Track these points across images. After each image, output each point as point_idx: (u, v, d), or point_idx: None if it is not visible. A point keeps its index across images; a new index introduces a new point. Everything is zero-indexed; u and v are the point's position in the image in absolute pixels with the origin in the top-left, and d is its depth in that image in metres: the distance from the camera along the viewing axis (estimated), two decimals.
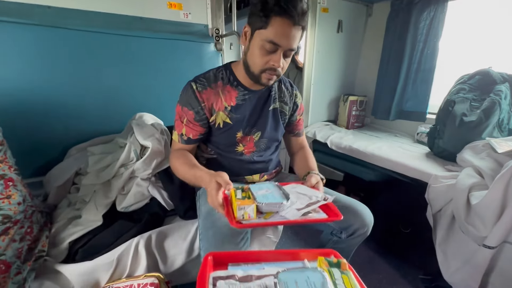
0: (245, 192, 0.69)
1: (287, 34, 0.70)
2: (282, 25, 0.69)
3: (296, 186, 0.77)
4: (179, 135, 0.87)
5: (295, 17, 0.68)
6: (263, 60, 0.74)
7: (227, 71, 0.87)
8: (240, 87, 0.86)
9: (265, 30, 0.70)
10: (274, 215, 0.66)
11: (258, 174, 0.98)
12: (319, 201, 0.68)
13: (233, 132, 0.88)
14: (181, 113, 0.85)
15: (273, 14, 0.68)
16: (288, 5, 0.67)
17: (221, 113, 0.85)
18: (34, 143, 1.15)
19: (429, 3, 1.58)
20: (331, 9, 1.78)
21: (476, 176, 1.05)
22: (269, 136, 0.94)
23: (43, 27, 1.09)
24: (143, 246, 0.86)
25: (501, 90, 1.23)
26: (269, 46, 0.71)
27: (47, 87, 1.14)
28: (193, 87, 0.82)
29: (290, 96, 0.97)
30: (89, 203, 0.95)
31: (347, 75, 2.10)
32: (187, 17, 1.41)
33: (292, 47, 0.73)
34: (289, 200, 0.65)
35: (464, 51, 1.66)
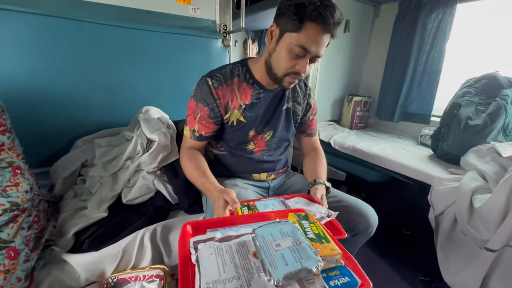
0: (252, 211, 0.70)
1: (319, 41, 0.69)
2: (316, 32, 0.68)
3: (299, 201, 0.77)
4: (191, 130, 0.86)
5: (331, 25, 0.67)
6: (289, 64, 0.73)
7: (243, 68, 0.85)
8: (256, 85, 0.85)
9: (297, 34, 0.69)
10: None
11: (266, 173, 0.98)
12: (323, 218, 0.69)
13: (245, 130, 0.87)
14: (194, 108, 0.84)
15: (308, 20, 0.67)
16: (326, 13, 0.66)
17: (235, 111, 0.84)
18: (41, 133, 1.15)
19: (438, 5, 1.58)
20: (338, 8, 1.77)
21: (479, 179, 1.06)
22: (280, 136, 0.94)
23: (52, 17, 1.08)
24: (149, 238, 0.87)
25: (507, 95, 1.23)
26: (298, 51, 0.70)
27: (54, 78, 1.14)
28: (209, 83, 0.80)
29: (304, 96, 0.96)
30: (95, 194, 0.96)
31: (352, 75, 2.10)
32: (195, 12, 1.41)
33: (320, 54, 0.72)
34: None
35: (472, 54, 1.66)
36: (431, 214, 1.18)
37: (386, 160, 1.42)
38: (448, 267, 1.08)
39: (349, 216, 0.85)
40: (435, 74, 1.64)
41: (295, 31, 0.69)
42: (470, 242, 1.00)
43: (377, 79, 2.00)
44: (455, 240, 1.07)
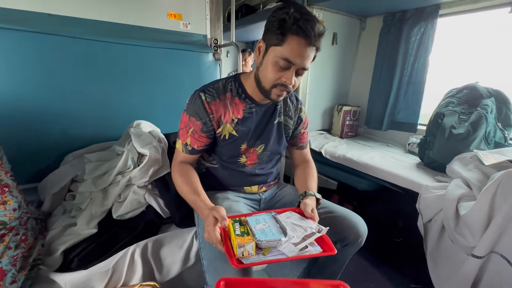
0: (243, 227, 0.71)
1: (302, 54, 0.71)
2: (298, 44, 0.70)
3: (290, 215, 0.78)
4: (183, 144, 0.87)
5: (312, 38, 0.70)
6: (275, 76, 0.75)
7: (236, 83, 0.87)
8: (248, 100, 0.87)
9: (280, 47, 0.71)
10: (272, 250, 0.68)
11: (257, 186, 1.00)
12: (314, 233, 0.69)
13: (238, 144, 0.89)
14: (187, 122, 0.85)
15: (290, 33, 0.69)
16: (306, 26, 0.68)
17: (228, 125, 0.86)
18: (30, 148, 1.14)
19: (420, 19, 1.65)
20: (326, 22, 1.84)
21: (464, 187, 1.09)
22: (271, 149, 0.95)
23: (43, 35, 1.10)
24: (139, 254, 0.86)
25: (487, 104, 1.28)
26: (282, 63, 0.73)
27: (45, 93, 1.14)
28: (202, 98, 0.82)
29: (295, 110, 0.98)
30: (84, 210, 0.95)
31: (341, 86, 2.16)
32: (186, 27, 1.44)
33: (305, 66, 0.74)
34: (287, 236, 0.67)
35: (453, 66, 1.73)
36: (419, 221, 1.20)
37: (375, 169, 1.45)
38: (438, 274, 1.10)
39: (339, 227, 0.87)
40: (420, 84, 1.70)
41: (279, 44, 0.71)
42: (458, 249, 1.02)
43: (365, 89, 2.05)
44: (444, 247, 1.09)
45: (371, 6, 1.81)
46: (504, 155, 1.15)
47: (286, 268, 1.43)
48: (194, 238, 0.96)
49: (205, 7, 1.48)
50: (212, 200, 0.90)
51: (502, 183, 0.89)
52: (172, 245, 0.93)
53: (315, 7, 1.75)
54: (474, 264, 0.94)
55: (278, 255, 0.66)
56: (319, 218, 0.85)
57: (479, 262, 0.93)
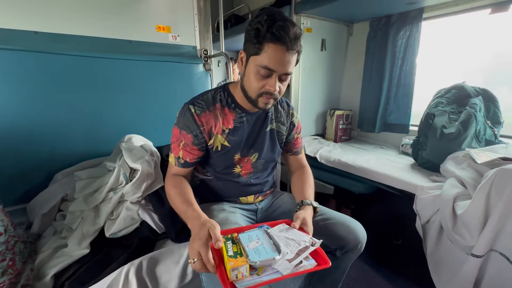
0: (236, 245, 0.67)
1: (281, 60, 0.71)
2: (275, 51, 0.70)
3: (283, 228, 0.75)
4: (176, 158, 0.86)
5: (288, 43, 0.69)
6: (259, 85, 0.75)
7: (225, 93, 0.87)
8: (238, 109, 0.86)
9: (259, 56, 0.71)
10: (267, 268, 0.65)
11: (253, 196, 0.98)
12: (308, 247, 0.68)
13: (231, 154, 0.88)
14: (178, 136, 0.84)
15: (265, 41, 0.69)
16: (280, 32, 0.68)
17: (219, 136, 0.85)
18: (17, 169, 1.11)
19: (405, 23, 1.69)
20: (314, 29, 1.87)
21: (459, 186, 1.10)
22: (266, 157, 0.94)
23: (30, 52, 1.08)
24: (134, 273, 0.83)
25: (475, 103, 1.31)
26: (263, 72, 0.72)
27: (32, 111, 1.12)
28: (191, 110, 0.81)
29: (287, 115, 0.98)
30: (76, 230, 0.92)
31: (333, 91, 2.18)
32: (175, 39, 1.44)
33: (287, 72, 0.74)
34: (280, 253, 0.65)
35: (440, 66, 1.77)
36: (418, 223, 1.20)
37: (371, 171, 1.45)
38: (439, 276, 1.09)
39: (338, 234, 0.85)
40: (409, 86, 1.73)
41: (257, 53, 0.72)
42: (457, 249, 1.02)
43: (356, 92, 2.08)
44: (443, 248, 1.08)
45: (357, 13, 1.85)
46: (496, 152, 1.16)
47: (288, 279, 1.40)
48: None
49: (193, 18, 1.49)
50: (208, 212, 0.89)
51: (495, 181, 0.90)
52: (168, 261, 0.90)
53: (303, 15, 1.79)
54: (474, 264, 0.94)
55: (273, 274, 0.64)
56: (318, 225, 0.84)
57: (479, 261, 0.93)
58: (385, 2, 1.56)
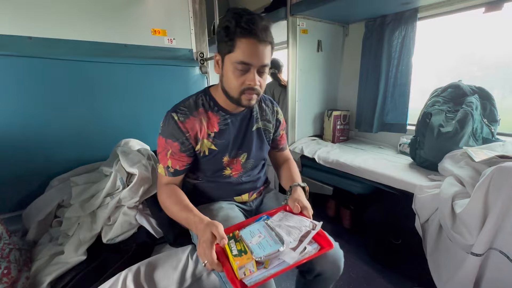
0: (239, 243, 0.68)
1: (255, 52, 0.71)
2: (248, 45, 0.71)
3: (283, 216, 0.76)
4: (165, 167, 0.84)
5: (259, 34, 0.70)
6: (238, 82, 0.75)
7: (206, 96, 0.86)
8: (221, 112, 0.85)
9: (233, 54, 0.72)
10: (273, 261, 0.66)
11: (247, 194, 0.98)
12: (310, 231, 0.69)
13: (219, 157, 0.87)
14: (164, 145, 0.82)
15: (237, 37, 0.70)
16: (249, 25, 0.69)
17: (205, 140, 0.84)
18: (12, 176, 1.10)
19: (400, 23, 1.70)
20: (310, 30, 1.87)
21: (457, 184, 1.09)
22: (255, 157, 0.94)
23: (24, 58, 1.07)
24: (132, 280, 0.82)
25: (472, 102, 1.31)
26: (241, 67, 0.73)
27: (27, 116, 1.11)
28: (175, 118, 0.80)
29: (272, 113, 0.98)
30: (72, 237, 0.91)
31: (330, 91, 2.18)
32: (171, 42, 1.44)
33: (264, 63, 0.74)
34: (284, 244, 0.65)
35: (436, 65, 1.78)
36: (417, 222, 1.20)
37: (369, 171, 1.45)
38: (440, 275, 1.09)
39: (318, 263, 0.80)
40: (405, 86, 1.73)
41: (231, 51, 0.72)
42: (457, 248, 1.01)
43: (353, 93, 2.08)
44: (443, 247, 1.08)
45: (352, 14, 1.86)
46: (493, 150, 1.16)
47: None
48: (189, 257, 0.93)
49: (189, 22, 1.49)
50: (207, 213, 0.87)
51: (493, 179, 0.90)
52: (166, 266, 0.89)
53: (298, 17, 1.79)
54: (474, 262, 0.93)
55: (280, 265, 0.65)
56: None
57: (479, 260, 0.93)
58: (380, 3, 1.57)
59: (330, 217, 1.94)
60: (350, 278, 1.42)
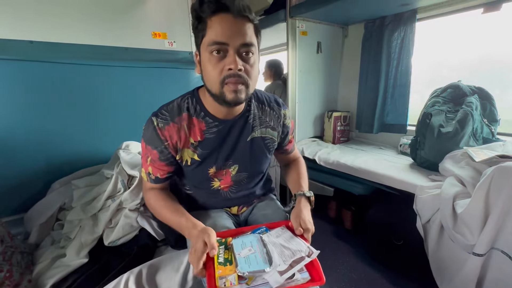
0: (228, 251, 0.66)
1: (230, 28, 0.60)
2: (220, 22, 0.60)
3: (281, 233, 0.73)
4: (147, 173, 0.78)
5: (231, 7, 0.59)
6: (217, 69, 0.62)
7: (193, 99, 0.74)
8: (208, 118, 0.73)
9: (206, 37, 0.62)
10: (257, 279, 0.63)
11: (237, 207, 0.92)
12: (303, 258, 0.65)
13: (204, 168, 0.78)
14: (145, 150, 0.75)
15: (207, 16, 0.60)
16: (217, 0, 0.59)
17: (187, 150, 0.74)
18: (13, 179, 1.10)
19: (399, 24, 1.71)
20: (309, 32, 1.88)
21: (458, 185, 1.10)
22: (249, 170, 0.83)
23: (25, 62, 1.08)
24: (133, 282, 0.82)
25: (471, 102, 1.31)
26: (215, 48, 0.61)
27: (29, 120, 1.12)
28: (154, 123, 0.71)
29: (278, 118, 0.83)
30: (74, 240, 0.91)
31: (330, 92, 2.19)
32: (171, 45, 1.45)
33: (244, 41, 0.61)
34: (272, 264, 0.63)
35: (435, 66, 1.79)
36: (418, 223, 1.20)
37: (370, 172, 1.45)
38: (442, 275, 1.08)
39: None
40: (405, 86, 1.74)
41: (204, 35, 0.62)
42: (458, 248, 1.01)
43: (353, 94, 2.09)
44: (444, 247, 1.08)
45: (352, 15, 1.86)
46: (493, 150, 1.17)
47: None
48: None
49: (189, 24, 1.50)
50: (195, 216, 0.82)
51: (494, 178, 0.90)
52: (168, 268, 0.89)
53: (298, 19, 1.80)
54: (476, 263, 0.93)
55: (263, 286, 0.61)
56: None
57: (481, 260, 0.92)
58: (379, 4, 1.58)
59: (331, 218, 1.93)
60: (351, 279, 1.41)
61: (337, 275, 1.44)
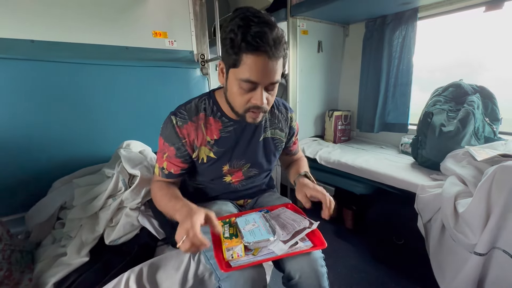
0: (232, 228, 0.71)
1: (263, 70, 0.62)
2: (255, 63, 0.61)
3: (282, 212, 0.78)
4: (160, 168, 0.82)
5: (268, 51, 0.60)
6: (243, 99, 0.68)
7: (210, 100, 0.80)
8: (224, 118, 0.79)
9: (238, 69, 0.63)
10: (263, 250, 0.68)
11: (242, 200, 0.97)
12: (305, 229, 0.69)
13: (218, 166, 0.83)
14: (162, 146, 0.80)
15: (242, 52, 0.61)
16: (256, 40, 0.58)
17: (203, 147, 0.79)
18: (15, 177, 1.10)
19: (400, 23, 1.70)
20: (310, 31, 1.88)
21: (460, 184, 1.09)
22: (260, 168, 0.89)
23: (26, 61, 1.08)
24: (134, 281, 0.82)
25: (473, 101, 1.31)
26: (246, 86, 0.65)
27: (30, 119, 1.11)
28: (173, 122, 0.76)
29: (286, 120, 0.90)
30: (75, 238, 0.91)
31: (330, 92, 2.18)
32: (172, 44, 1.45)
33: (273, 81, 0.65)
34: (275, 234, 0.67)
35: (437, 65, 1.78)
36: (419, 222, 1.19)
37: (371, 171, 1.45)
38: (443, 275, 1.08)
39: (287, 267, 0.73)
40: (406, 85, 1.73)
41: (235, 66, 0.63)
42: (460, 248, 1.01)
43: (354, 93, 2.08)
44: (446, 246, 1.08)
45: (353, 14, 1.86)
46: (495, 149, 1.16)
47: None
48: (192, 258, 0.93)
49: (190, 23, 1.49)
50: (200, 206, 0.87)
51: (496, 178, 0.90)
52: (169, 267, 0.89)
53: (299, 18, 1.80)
54: (477, 262, 0.93)
55: (268, 255, 0.67)
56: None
57: (482, 259, 0.92)
58: (380, 3, 1.57)
59: (331, 217, 1.93)
60: (352, 279, 1.41)
61: (338, 275, 1.44)
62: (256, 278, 0.66)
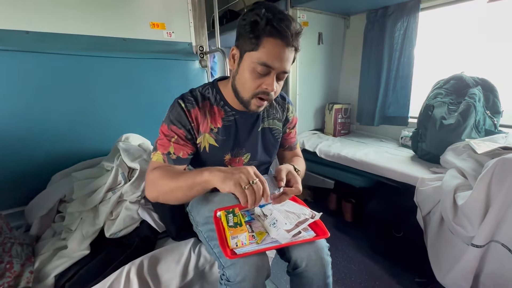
0: (236, 217, 0.72)
1: (280, 56, 0.66)
2: (275, 46, 0.65)
3: (285, 203, 0.78)
4: (165, 154, 0.76)
5: (289, 38, 0.65)
6: (255, 84, 0.70)
7: (213, 89, 0.82)
8: (227, 108, 0.82)
9: (256, 52, 0.66)
10: (266, 238, 0.70)
11: None
12: (307, 219, 0.70)
13: (220, 154, 0.84)
14: (167, 132, 0.77)
15: (264, 35, 0.65)
16: (281, 25, 0.63)
17: (207, 135, 0.81)
18: (13, 172, 1.10)
19: (402, 14, 1.67)
20: (311, 22, 1.85)
21: (459, 177, 1.09)
22: (259, 159, 0.90)
23: (21, 53, 1.06)
24: (135, 273, 0.82)
25: (474, 93, 1.30)
26: (261, 69, 0.67)
27: (26, 113, 1.10)
28: (182, 105, 0.77)
29: (283, 110, 0.92)
30: (75, 232, 0.91)
31: (331, 85, 2.17)
32: (170, 36, 1.42)
33: (286, 70, 0.69)
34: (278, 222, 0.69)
35: (437, 57, 1.76)
36: (418, 215, 1.20)
37: (370, 165, 1.45)
38: (440, 267, 1.09)
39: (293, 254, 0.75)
40: (407, 78, 1.72)
41: (254, 49, 0.66)
42: (458, 240, 1.02)
43: (354, 86, 2.07)
44: (444, 239, 1.09)
45: (354, 5, 1.83)
46: (496, 142, 1.16)
47: None
48: (192, 250, 0.93)
49: (188, 15, 1.46)
50: (202, 198, 0.90)
51: (496, 170, 0.90)
52: (169, 260, 0.90)
53: (299, 8, 1.76)
54: (474, 254, 0.94)
55: (272, 243, 0.68)
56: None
57: (480, 251, 0.93)
58: None
59: (331, 210, 1.94)
60: (351, 271, 1.43)
61: (337, 267, 1.45)
62: (260, 265, 0.68)
